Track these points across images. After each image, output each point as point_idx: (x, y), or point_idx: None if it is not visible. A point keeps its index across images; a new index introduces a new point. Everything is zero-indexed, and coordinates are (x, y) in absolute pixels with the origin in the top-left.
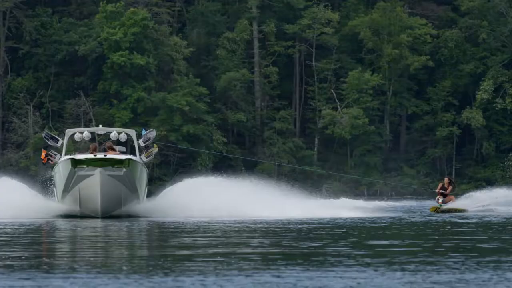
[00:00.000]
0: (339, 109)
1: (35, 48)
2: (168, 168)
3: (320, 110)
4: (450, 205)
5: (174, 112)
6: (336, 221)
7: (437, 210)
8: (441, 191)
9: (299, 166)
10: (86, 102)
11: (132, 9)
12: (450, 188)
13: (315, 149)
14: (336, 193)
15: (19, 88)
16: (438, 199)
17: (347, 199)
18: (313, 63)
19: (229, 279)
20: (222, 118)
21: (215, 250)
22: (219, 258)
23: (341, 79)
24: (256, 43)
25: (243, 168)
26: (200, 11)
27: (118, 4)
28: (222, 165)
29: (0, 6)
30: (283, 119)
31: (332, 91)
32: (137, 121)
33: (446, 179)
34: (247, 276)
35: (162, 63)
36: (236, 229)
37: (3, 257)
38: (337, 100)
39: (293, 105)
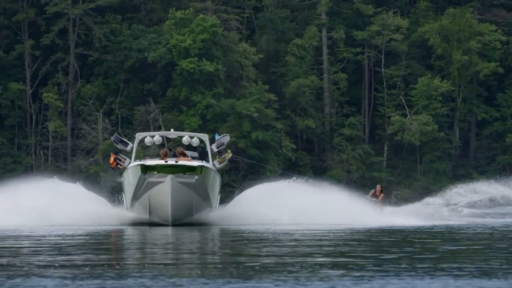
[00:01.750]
0: (408, 116)
1: (104, 55)
2: (237, 174)
3: (389, 117)
4: None
5: (243, 119)
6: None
7: None
8: (372, 198)
9: (368, 173)
10: (155, 108)
11: (201, 16)
12: (381, 195)
13: (384, 155)
14: (405, 200)
15: (88, 94)
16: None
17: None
18: (382, 70)
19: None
20: (291, 124)
21: (291, 259)
22: (294, 267)
23: (410, 86)
24: (325, 50)
25: (312, 174)
26: (269, 18)
27: (187, 11)
28: (291, 172)
29: (70, 13)
30: (352, 126)
31: (401, 97)
32: (206, 128)
33: (378, 187)
34: (326, 284)
35: (231, 69)
36: (313, 236)
37: (72, 264)
38: (406, 107)
39: (362, 111)
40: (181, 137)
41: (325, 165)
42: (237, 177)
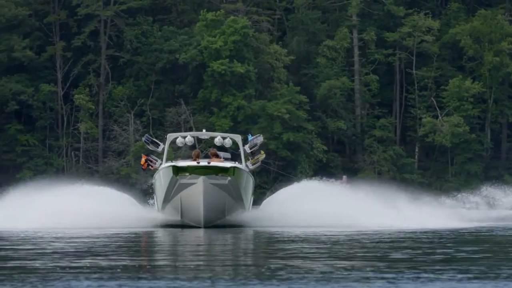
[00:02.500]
0: (440, 117)
1: (135, 57)
2: (268, 176)
3: (420, 118)
4: None
5: (274, 120)
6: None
7: None
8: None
9: (399, 174)
10: (186, 110)
11: (232, 17)
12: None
13: (416, 157)
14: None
15: (120, 96)
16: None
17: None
18: (414, 71)
19: None
20: (322, 126)
21: (324, 261)
22: (326, 269)
23: (442, 87)
24: (356, 51)
25: (343, 176)
26: (300, 19)
27: (218, 12)
28: (323, 173)
29: (101, 14)
30: (383, 127)
31: (433, 99)
32: (237, 129)
33: (344, 177)
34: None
35: (262, 71)
36: (349, 238)
37: (103, 267)
38: (437, 108)
39: (393, 113)
40: (213, 137)
41: (356, 166)
42: (268, 179)
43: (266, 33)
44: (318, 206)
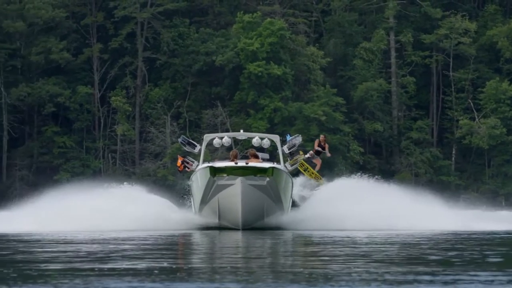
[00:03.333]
0: (477, 119)
1: (172, 59)
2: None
3: (457, 120)
4: (316, 168)
5: (311, 122)
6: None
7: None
8: (317, 148)
9: (437, 176)
10: (223, 112)
11: (269, 19)
12: (327, 146)
13: (453, 159)
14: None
15: (156, 98)
16: (311, 153)
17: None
18: (450, 73)
19: None
20: (359, 128)
21: (364, 264)
22: (367, 273)
23: (479, 89)
24: (393, 53)
25: (380, 178)
26: (336, 21)
27: (255, 14)
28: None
29: (138, 17)
30: (420, 129)
31: (470, 101)
32: (274, 131)
33: (322, 136)
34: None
35: (299, 73)
36: (392, 240)
37: (139, 269)
38: (474, 110)
39: (430, 115)
40: (251, 138)
41: (393, 168)
42: None
43: (302, 35)
44: (365, 207)
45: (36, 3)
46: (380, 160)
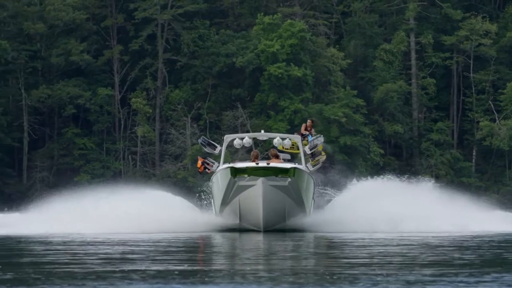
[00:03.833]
0: (497, 121)
1: (192, 60)
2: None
3: (477, 122)
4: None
5: (331, 124)
6: None
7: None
8: (303, 132)
9: (457, 178)
10: (243, 113)
11: (289, 21)
12: (313, 131)
13: (473, 160)
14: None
15: (177, 100)
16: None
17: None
18: (471, 75)
19: None
20: (379, 129)
21: (385, 267)
22: (387, 276)
23: (499, 91)
24: (413, 55)
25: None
26: (357, 23)
27: (275, 16)
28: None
29: (158, 18)
30: (440, 131)
31: (490, 102)
32: (294, 133)
33: (309, 121)
34: None
35: (319, 74)
36: (420, 244)
37: (160, 271)
38: (495, 112)
39: (451, 116)
40: (272, 138)
41: (413, 170)
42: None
43: (323, 37)
44: (385, 209)
45: (57, 5)
46: (400, 161)
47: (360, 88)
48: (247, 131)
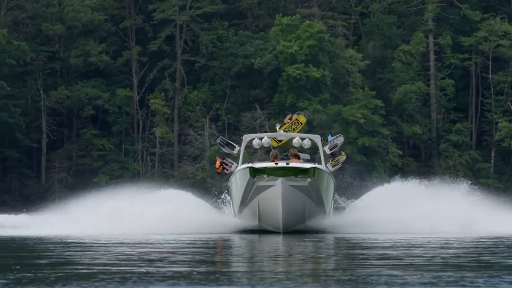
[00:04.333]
0: None
1: (211, 61)
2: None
3: (496, 123)
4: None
5: (350, 125)
6: None
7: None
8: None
9: (476, 179)
10: (261, 114)
11: (307, 22)
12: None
13: (492, 161)
14: None
15: (195, 101)
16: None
17: None
18: (490, 76)
19: None
20: (398, 130)
21: (405, 270)
22: (409, 279)
23: None
24: (432, 56)
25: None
26: (375, 24)
27: (294, 17)
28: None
29: (177, 19)
30: (459, 132)
31: (509, 103)
32: (312, 134)
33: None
34: None
35: (338, 75)
36: (439, 245)
37: (178, 272)
38: None
39: (469, 117)
40: (292, 138)
41: (432, 171)
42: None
43: (341, 38)
44: (407, 211)
45: (75, 6)
46: (419, 163)
47: (378, 89)
48: (266, 132)
